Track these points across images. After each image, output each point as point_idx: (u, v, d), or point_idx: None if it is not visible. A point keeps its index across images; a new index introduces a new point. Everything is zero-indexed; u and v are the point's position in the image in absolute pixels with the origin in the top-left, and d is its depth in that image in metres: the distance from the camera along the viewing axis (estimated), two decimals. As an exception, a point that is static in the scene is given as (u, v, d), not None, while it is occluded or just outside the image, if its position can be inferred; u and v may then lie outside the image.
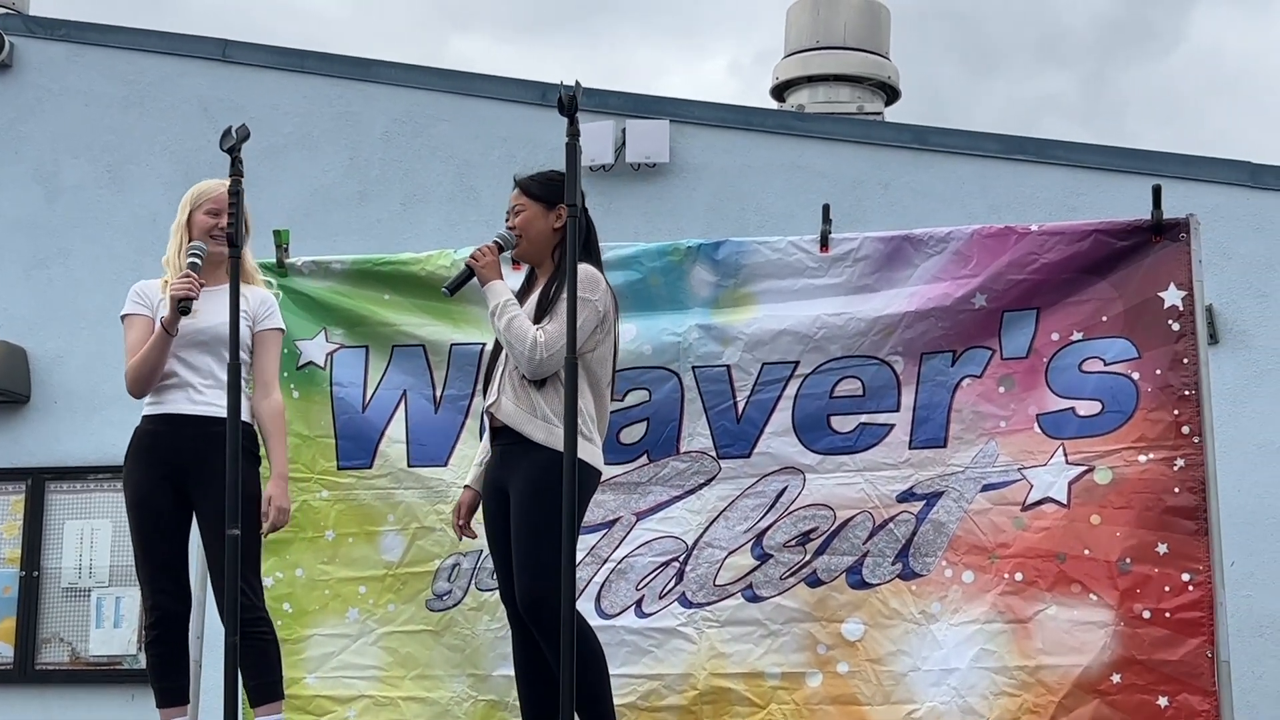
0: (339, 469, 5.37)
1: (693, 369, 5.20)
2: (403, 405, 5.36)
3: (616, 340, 4.67)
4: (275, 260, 5.41)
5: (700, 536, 5.12)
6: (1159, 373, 4.88)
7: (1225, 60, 24.31)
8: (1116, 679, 4.76)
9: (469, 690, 5.20)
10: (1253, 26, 24.62)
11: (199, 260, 4.51)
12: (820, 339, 5.12)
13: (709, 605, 5.08)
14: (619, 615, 5.11)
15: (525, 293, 4.68)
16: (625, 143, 8.27)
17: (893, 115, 10.08)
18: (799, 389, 5.12)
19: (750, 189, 8.26)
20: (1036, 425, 4.96)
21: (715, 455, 5.15)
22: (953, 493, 4.98)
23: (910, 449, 5.04)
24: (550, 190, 4.51)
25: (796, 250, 5.21)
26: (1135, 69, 24.30)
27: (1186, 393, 4.85)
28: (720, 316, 5.22)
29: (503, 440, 4.57)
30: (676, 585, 5.12)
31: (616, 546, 5.16)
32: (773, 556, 5.07)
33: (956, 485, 4.99)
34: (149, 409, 4.65)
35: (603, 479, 4.69)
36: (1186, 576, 4.77)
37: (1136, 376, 4.90)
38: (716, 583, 5.09)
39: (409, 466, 5.32)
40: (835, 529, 5.05)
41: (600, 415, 4.61)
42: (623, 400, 5.15)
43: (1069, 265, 5.00)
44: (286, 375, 5.36)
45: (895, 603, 4.98)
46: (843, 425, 5.10)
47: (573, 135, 3.87)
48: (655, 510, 5.17)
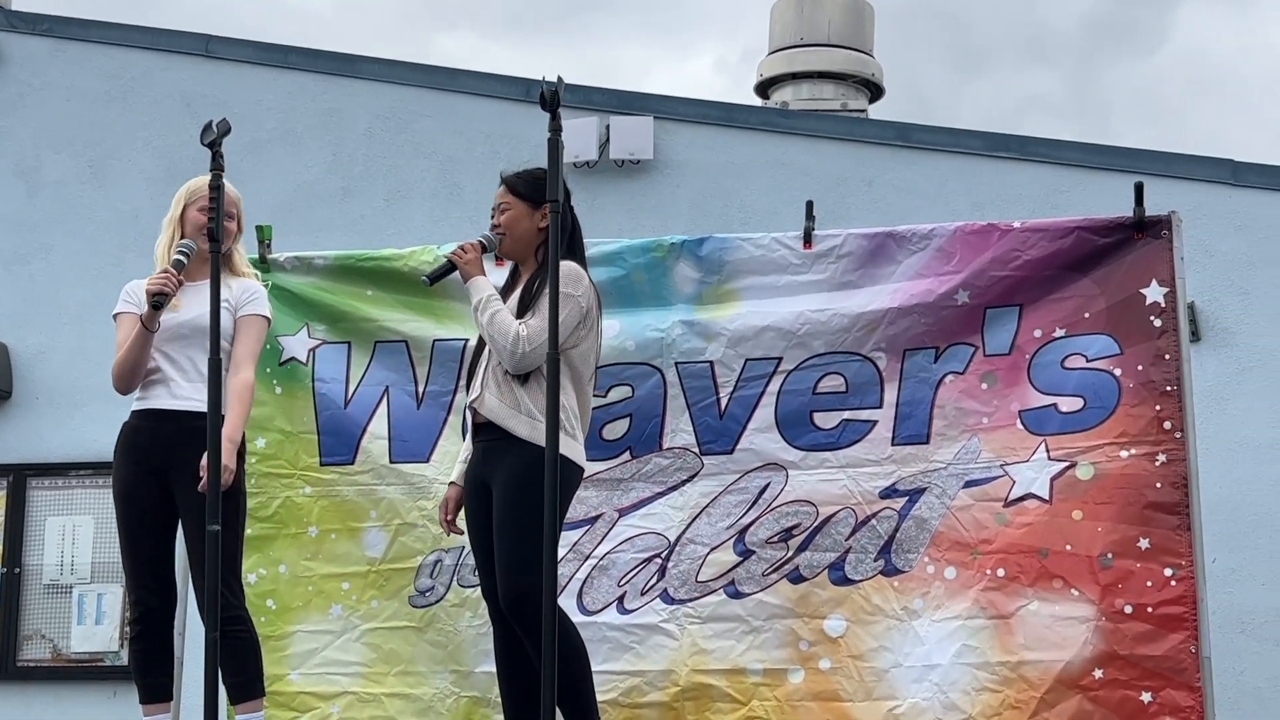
0: (321, 465, 5.36)
1: (676, 365, 5.20)
2: (385, 401, 5.36)
3: (599, 337, 4.68)
4: (258, 256, 5.40)
5: (683, 533, 5.12)
6: (1141, 369, 4.89)
7: (1210, 60, 24.40)
8: (1098, 674, 4.77)
9: (451, 686, 5.20)
10: (1237, 26, 24.72)
11: (184, 258, 4.50)
12: (803, 335, 5.12)
13: (691, 602, 5.08)
14: (601, 612, 5.11)
15: (508, 289, 4.68)
16: (609, 139, 8.27)
17: (877, 113, 10.09)
18: (782, 385, 5.13)
19: (734, 185, 8.26)
20: (1019, 421, 4.97)
21: (698, 451, 5.15)
22: (935, 489, 4.99)
23: (893, 445, 5.04)
24: (536, 189, 4.50)
25: (780, 246, 5.21)
26: (1120, 68, 24.38)
27: (1168, 388, 4.86)
28: (703, 312, 5.22)
29: (485, 436, 4.57)
30: (659, 582, 5.12)
31: (599, 543, 5.16)
32: (755, 553, 5.07)
33: (939, 481, 4.99)
34: (135, 404, 4.66)
35: (585, 475, 4.69)
36: (1169, 572, 4.78)
37: (1118, 373, 4.91)
38: (699, 579, 5.09)
39: (391, 463, 5.31)
40: (818, 525, 5.05)
41: (583, 411, 4.61)
42: (605, 396, 5.15)
43: (1051, 262, 5.01)
44: (269, 371, 5.35)
45: (878, 599, 4.99)
46: (825, 421, 5.10)
47: (555, 130, 3.87)
48: (638, 506, 5.17)
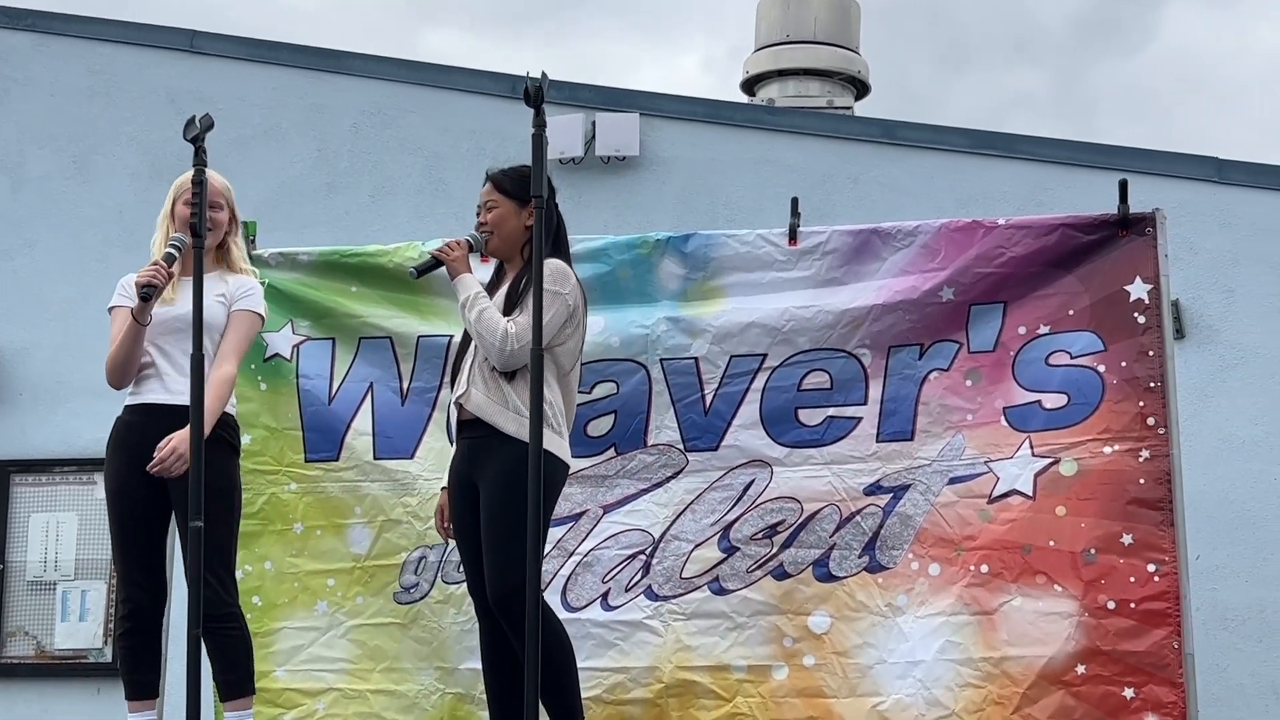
0: (306, 461, 5.36)
1: (660, 361, 5.20)
2: (369, 397, 5.35)
3: (584, 334, 4.68)
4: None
5: (667, 529, 5.13)
6: (1124, 365, 4.90)
7: (1196, 58, 24.47)
8: (1081, 670, 4.78)
9: (436, 683, 5.20)
10: (1223, 25, 24.79)
11: (176, 252, 4.49)
12: (788, 332, 5.13)
13: (675, 598, 5.08)
14: (585, 608, 5.11)
15: (494, 286, 4.69)
16: (595, 136, 8.26)
17: (863, 110, 10.10)
18: (767, 382, 5.13)
19: (720, 182, 8.25)
20: (1003, 418, 4.98)
21: (683, 448, 5.16)
22: (919, 485, 5.00)
23: (877, 442, 5.05)
24: (523, 186, 4.50)
25: (765, 243, 5.22)
26: (1106, 66, 24.42)
27: (1152, 385, 4.87)
28: (688, 309, 5.22)
29: (471, 433, 4.56)
30: (643, 578, 5.12)
31: (583, 539, 5.16)
32: (739, 549, 5.08)
33: (923, 478, 5.00)
34: (129, 399, 4.63)
35: (570, 472, 4.69)
36: (1152, 567, 4.79)
37: (1102, 369, 4.92)
38: (683, 576, 5.10)
39: (375, 459, 5.31)
40: (802, 522, 5.05)
41: (568, 408, 4.62)
42: (590, 393, 5.15)
43: (1036, 259, 5.02)
44: (254, 367, 5.35)
45: (862, 595, 4.99)
46: (810, 418, 5.11)
47: (539, 126, 3.87)
48: (622, 503, 5.17)
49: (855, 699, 4.93)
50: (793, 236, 5.19)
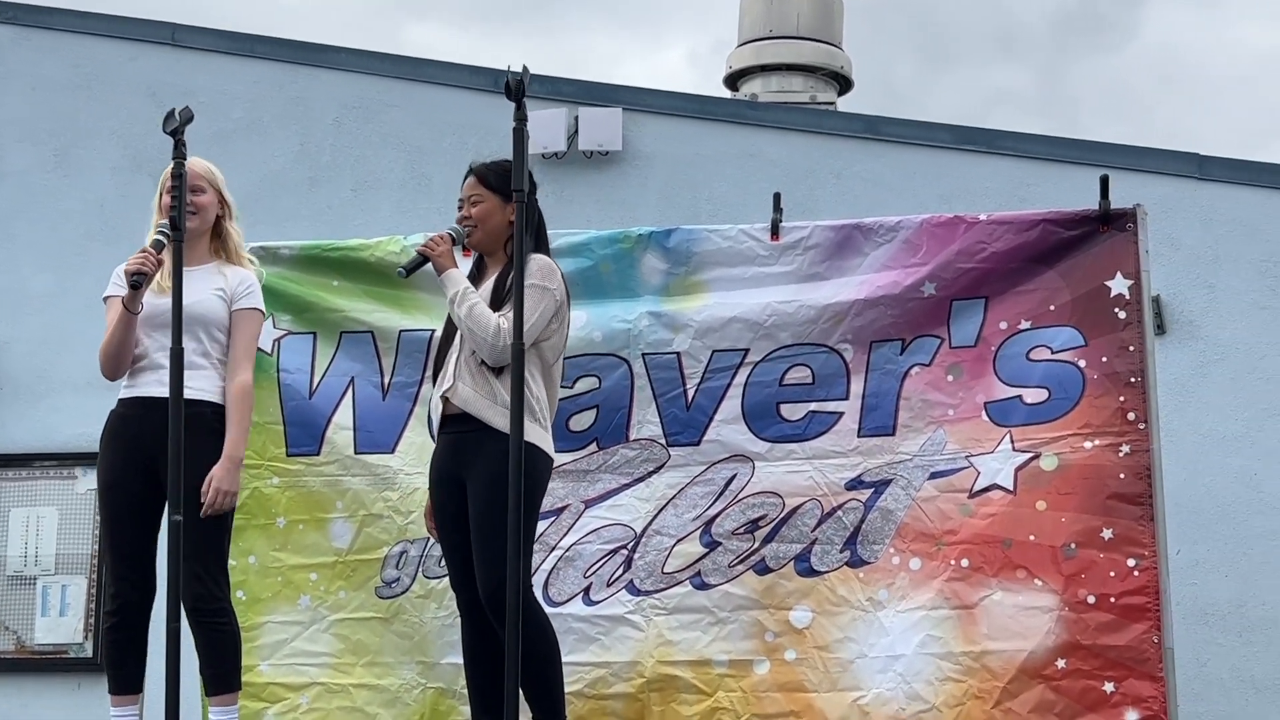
0: (288, 455, 5.35)
1: (643, 356, 5.20)
2: (350, 392, 5.35)
3: (568, 329, 4.68)
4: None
5: (649, 524, 5.13)
6: (1105, 360, 4.91)
7: (1177, 56, 24.53)
8: (1061, 664, 4.79)
9: (418, 677, 5.20)
10: (1205, 22, 24.86)
11: (164, 239, 4.46)
12: (770, 327, 5.13)
13: (657, 593, 5.09)
14: (566, 603, 5.11)
15: (474, 280, 4.68)
16: (578, 130, 8.25)
17: (846, 105, 10.10)
18: (749, 377, 5.13)
19: (702, 177, 8.25)
20: (984, 413, 4.99)
21: (664, 443, 5.16)
22: (901, 480, 5.00)
23: (859, 437, 5.06)
24: (508, 181, 4.47)
25: (747, 238, 5.22)
26: (1089, 63, 24.47)
27: (1132, 380, 4.89)
28: (671, 304, 5.23)
29: (456, 428, 4.56)
30: (624, 573, 5.12)
31: (565, 534, 5.16)
32: (721, 544, 5.08)
33: (905, 473, 5.01)
34: (123, 391, 4.61)
35: (552, 466, 4.69)
36: (1132, 562, 4.80)
37: (1083, 364, 4.93)
38: (664, 570, 5.10)
39: (356, 453, 5.31)
40: (784, 517, 5.06)
41: (550, 403, 4.62)
42: (572, 387, 5.15)
43: (1017, 254, 5.03)
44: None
45: (843, 590, 5.00)
46: (792, 413, 5.11)
47: (520, 120, 3.87)
48: (604, 498, 5.17)
49: (836, 693, 4.94)
50: (775, 232, 5.19)
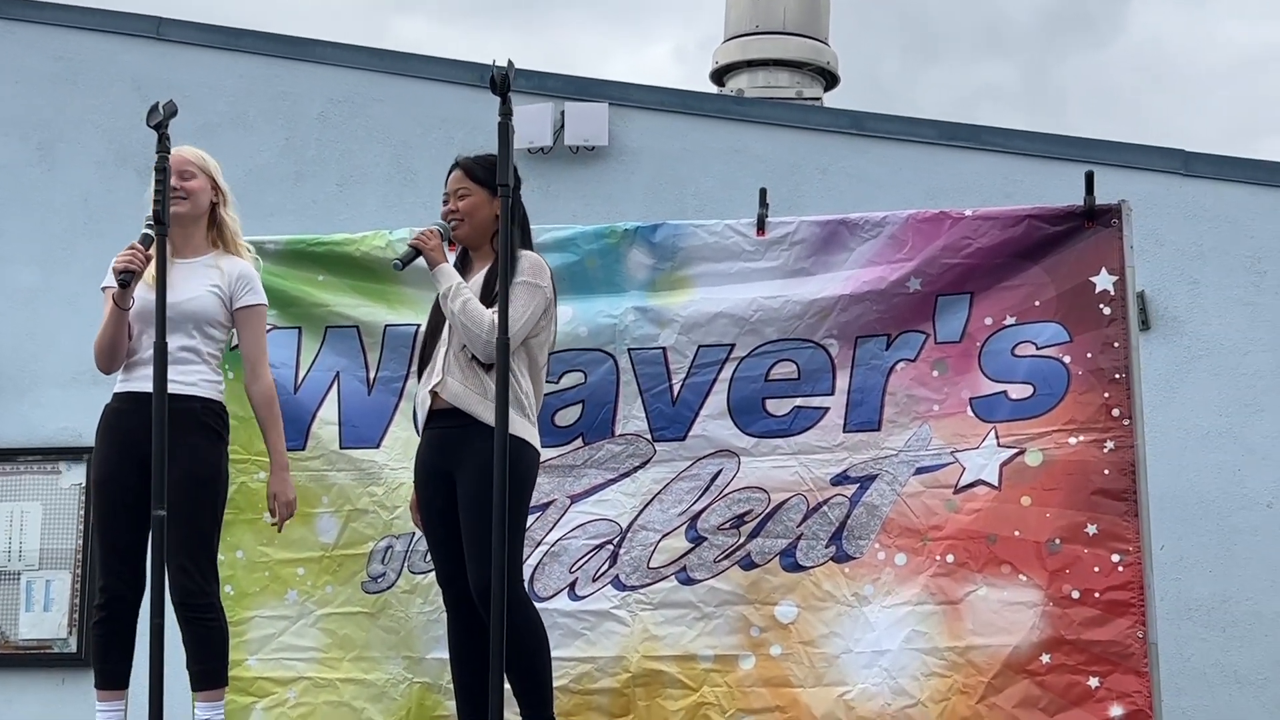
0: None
1: (628, 351, 5.20)
2: (335, 386, 5.34)
3: (555, 325, 4.68)
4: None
5: (634, 519, 5.13)
6: (1090, 356, 4.92)
7: (1163, 52, 24.58)
8: (1046, 659, 4.80)
9: (404, 672, 5.20)
10: (1191, 19, 24.91)
11: (152, 233, 4.45)
12: (756, 322, 5.13)
13: (642, 588, 5.09)
14: (552, 598, 5.10)
15: (461, 275, 4.66)
16: (564, 125, 8.25)
17: (832, 101, 10.10)
18: (734, 372, 5.14)
19: (689, 173, 8.25)
20: (969, 408, 4.99)
21: (650, 438, 5.16)
22: (886, 476, 5.01)
23: (844, 432, 5.06)
24: (495, 175, 4.49)
25: (733, 234, 5.22)
26: (1075, 59, 24.51)
27: (1117, 376, 4.90)
28: (657, 299, 5.22)
29: (444, 423, 4.55)
30: (610, 568, 5.12)
31: (550, 529, 5.16)
32: (707, 539, 5.08)
33: (890, 468, 5.01)
34: (118, 386, 4.60)
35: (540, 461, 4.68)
36: (1116, 557, 4.81)
37: (1068, 360, 4.94)
38: (650, 565, 5.10)
39: (341, 448, 5.30)
40: (769, 512, 5.06)
41: (536, 398, 4.61)
42: (558, 383, 5.15)
43: (1002, 250, 5.04)
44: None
45: (828, 585, 5.00)
46: (777, 408, 5.11)
47: (505, 115, 3.87)
48: (589, 493, 5.17)
49: (822, 688, 4.94)
50: (761, 227, 5.20)
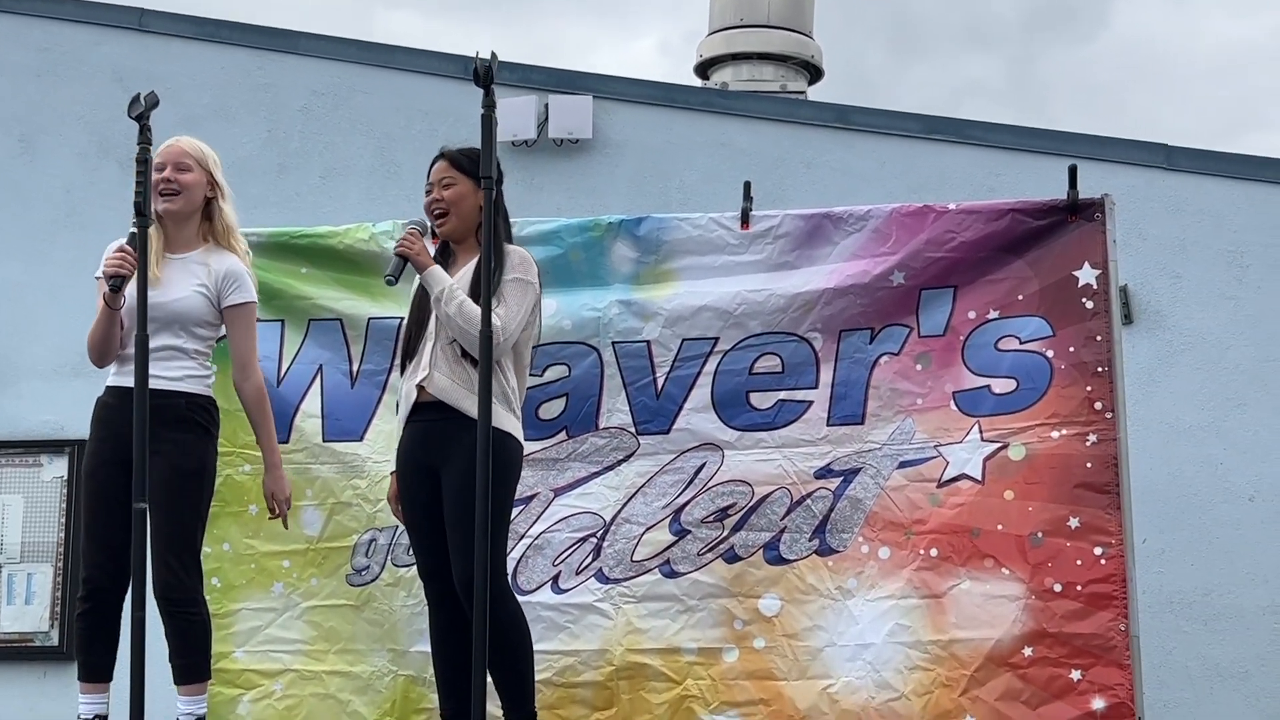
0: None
1: (613, 344, 5.20)
2: (318, 379, 5.34)
3: (541, 320, 4.68)
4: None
5: (618, 513, 5.13)
6: (1072, 350, 4.93)
7: (1147, 46, 24.64)
8: (1028, 652, 4.81)
9: (389, 665, 5.20)
10: (1174, 13, 24.97)
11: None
12: (740, 315, 5.14)
13: (626, 581, 5.09)
14: (535, 591, 5.10)
15: (443, 267, 4.65)
16: (548, 118, 8.23)
17: (816, 95, 10.10)
18: (718, 365, 5.14)
19: (673, 166, 8.25)
20: (952, 402, 5.00)
21: (634, 431, 5.16)
22: (870, 469, 5.02)
23: (828, 426, 5.06)
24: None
25: (717, 227, 5.22)
26: (1059, 54, 24.56)
27: (1099, 369, 4.91)
28: (641, 292, 5.22)
29: (428, 416, 4.54)
30: (593, 561, 5.12)
31: (534, 522, 5.16)
32: (690, 532, 5.08)
33: (874, 462, 5.02)
34: (110, 380, 4.60)
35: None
36: (1098, 550, 4.83)
37: (1051, 354, 4.95)
38: (634, 559, 5.10)
39: (324, 441, 5.30)
40: (753, 505, 5.06)
41: (520, 392, 4.61)
42: (542, 376, 5.15)
43: (986, 244, 5.04)
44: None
45: (812, 578, 5.01)
46: (761, 402, 5.12)
47: (488, 107, 3.86)
48: (573, 486, 5.17)
49: (805, 681, 4.95)
50: (745, 220, 5.20)
